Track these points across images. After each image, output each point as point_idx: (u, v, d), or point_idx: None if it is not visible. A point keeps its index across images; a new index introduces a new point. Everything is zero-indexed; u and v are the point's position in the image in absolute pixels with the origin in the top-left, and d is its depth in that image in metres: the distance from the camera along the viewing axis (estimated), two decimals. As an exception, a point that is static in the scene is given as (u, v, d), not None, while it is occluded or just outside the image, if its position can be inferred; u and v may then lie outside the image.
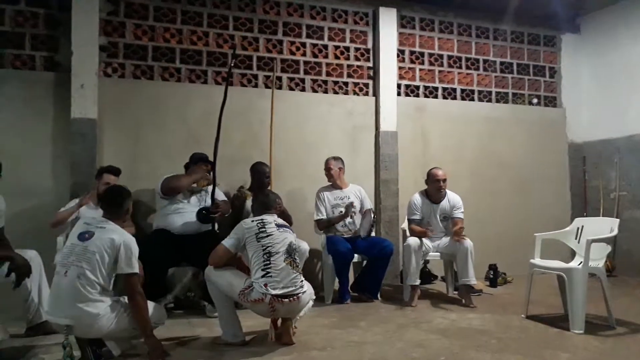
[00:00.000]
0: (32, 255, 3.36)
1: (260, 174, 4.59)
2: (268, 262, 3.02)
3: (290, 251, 3.13)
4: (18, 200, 4.28)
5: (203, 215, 3.98)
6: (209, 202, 4.03)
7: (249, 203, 4.38)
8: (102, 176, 4.05)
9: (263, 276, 2.99)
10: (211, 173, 4.03)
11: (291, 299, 3.02)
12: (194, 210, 4.06)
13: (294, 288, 3.05)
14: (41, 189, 4.42)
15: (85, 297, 2.61)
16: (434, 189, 4.57)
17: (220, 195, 4.27)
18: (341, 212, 4.59)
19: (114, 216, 2.85)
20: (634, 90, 5.85)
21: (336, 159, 4.78)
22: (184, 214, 4.05)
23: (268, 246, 3.06)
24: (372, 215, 4.71)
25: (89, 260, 2.64)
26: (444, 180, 4.54)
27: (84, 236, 2.71)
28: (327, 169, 4.73)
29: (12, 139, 4.37)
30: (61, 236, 3.91)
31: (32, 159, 4.41)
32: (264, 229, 3.12)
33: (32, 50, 4.56)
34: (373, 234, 4.89)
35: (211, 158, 3.93)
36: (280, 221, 3.30)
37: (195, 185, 4.17)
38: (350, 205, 4.59)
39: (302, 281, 3.14)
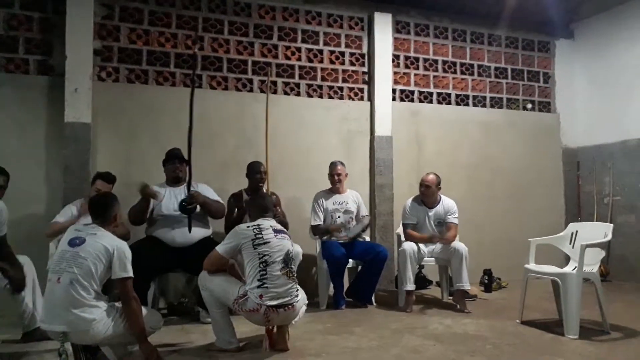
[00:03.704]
0: (24, 262, 3.35)
1: (252, 172, 4.44)
2: (264, 272, 2.97)
3: (287, 260, 3.07)
4: (11, 204, 4.22)
5: (182, 206, 3.84)
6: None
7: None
8: (95, 182, 4.02)
9: (258, 286, 2.95)
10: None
11: (286, 308, 3.00)
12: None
13: (289, 298, 3.02)
14: (34, 193, 4.38)
15: (81, 302, 2.58)
16: (420, 193, 4.60)
17: (207, 192, 4.13)
18: (340, 220, 4.62)
19: (103, 222, 2.83)
20: (628, 96, 5.89)
21: (342, 164, 4.75)
22: (176, 223, 3.90)
23: (265, 255, 3.00)
24: (367, 223, 4.69)
25: (80, 266, 2.61)
26: (427, 186, 4.51)
27: (75, 242, 2.69)
28: (336, 174, 4.69)
29: (5, 143, 4.34)
30: (53, 242, 3.87)
31: (25, 163, 4.38)
32: (260, 235, 3.06)
33: (26, 54, 4.54)
34: (367, 239, 4.88)
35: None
36: (278, 226, 3.24)
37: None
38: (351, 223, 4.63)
39: (297, 290, 3.11)
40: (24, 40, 4.54)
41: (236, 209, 4.37)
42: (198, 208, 3.93)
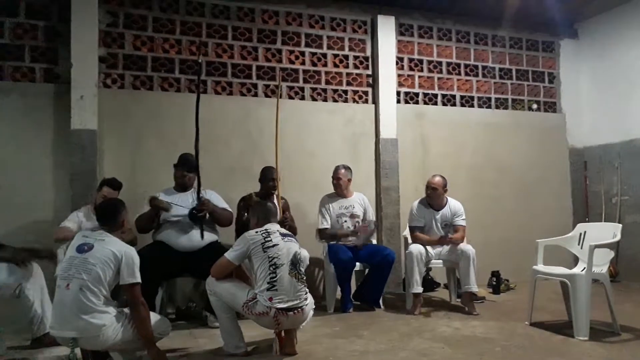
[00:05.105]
0: (32, 267, 3.36)
1: (265, 178, 4.45)
2: (274, 274, 2.99)
3: (295, 262, 3.09)
4: (18, 211, 4.28)
5: (192, 215, 3.91)
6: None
7: None
8: (102, 188, 4.03)
9: (268, 289, 2.96)
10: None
11: (295, 311, 3.00)
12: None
13: (298, 301, 3.02)
14: (41, 200, 4.40)
15: (91, 308, 2.60)
16: (426, 195, 4.59)
17: (216, 199, 4.16)
18: (347, 224, 4.62)
19: (111, 228, 2.84)
20: (633, 95, 5.85)
21: (346, 168, 4.74)
22: (184, 228, 3.93)
23: (274, 257, 3.02)
24: (374, 227, 4.73)
25: (89, 272, 2.63)
26: (434, 189, 4.51)
27: (83, 248, 2.70)
28: (337, 179, 4.69)
29: (12, 151, 4.37)
30: (61, 248, 3.89)
31: (32, 171, 4.41)
32: (269, 239, 3.09)
33: (31, 62, 4.57)
34: (374, 242, 4.87)
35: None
36: (284, 230, 3.28)
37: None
38: (362, 228, 4.61)
39: (306, 293, 3.12)
40: (30, 48, 4.57)
41: (245, 213, 4.37)
42: (207, 215, 3.95)
